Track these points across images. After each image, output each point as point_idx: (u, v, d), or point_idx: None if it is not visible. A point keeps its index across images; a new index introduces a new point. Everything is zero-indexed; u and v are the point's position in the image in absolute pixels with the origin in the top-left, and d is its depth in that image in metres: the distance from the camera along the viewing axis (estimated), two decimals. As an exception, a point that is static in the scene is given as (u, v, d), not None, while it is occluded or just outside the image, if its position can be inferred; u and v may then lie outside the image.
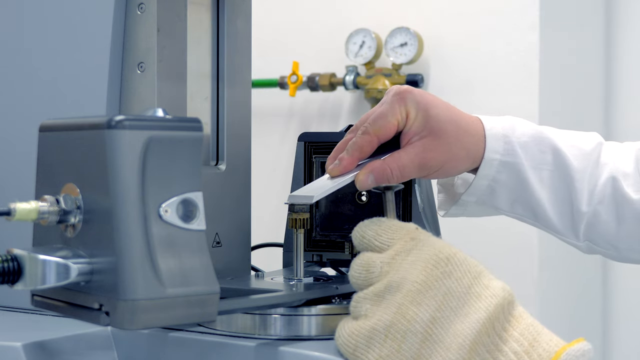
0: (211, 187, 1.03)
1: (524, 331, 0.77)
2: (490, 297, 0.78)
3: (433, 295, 0.78)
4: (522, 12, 2.29)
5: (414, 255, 0.81)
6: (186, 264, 0.74)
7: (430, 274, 0.79)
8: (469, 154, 0.99)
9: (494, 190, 1.02)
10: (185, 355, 0.91)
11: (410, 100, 0.93)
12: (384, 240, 0.84)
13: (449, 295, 0.78)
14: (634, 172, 1.05)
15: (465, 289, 0.78)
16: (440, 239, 0.83)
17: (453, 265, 0.79)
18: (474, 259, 0.81)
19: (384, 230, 0.84)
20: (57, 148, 0.79)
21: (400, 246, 0.82)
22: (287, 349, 0.87)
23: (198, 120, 0.77)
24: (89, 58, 1.02)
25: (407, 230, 0.83)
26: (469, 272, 0.79)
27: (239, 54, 1.08)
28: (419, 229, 0.84)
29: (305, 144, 1.06)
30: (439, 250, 0.80)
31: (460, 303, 0.78)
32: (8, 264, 0.72)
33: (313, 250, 1.06)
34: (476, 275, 0.79)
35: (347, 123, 2.04)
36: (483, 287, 0.79)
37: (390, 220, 0.86)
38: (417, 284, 0.79)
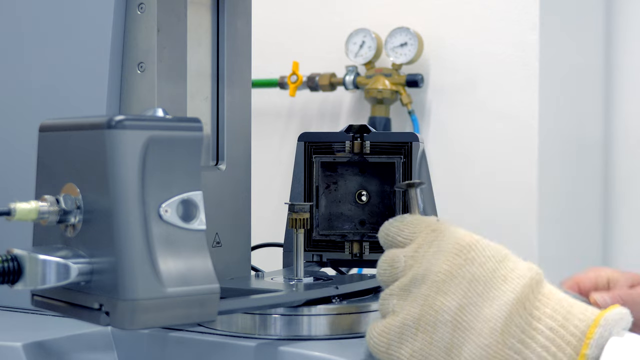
0: (211, 187, 1.03)
1: (555, 306, 0.76)
2: (517, 279, 0.77)
3: (458, 283, 0.78)
4: (522, 12, 2.29)
5: (435, 246, 0.81)
6: (186, 263, 0.74)
7: (453, 262, 0.79)
8: None
9: None
10: (185, 355, 0.91)
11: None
12: (407, 235, 0.84)
13: (474, 281, 0.77)
14: None
15: (490, 273, 0.78)
16: (461, 228, 0.82)
17: (475, 252, 0.79)
18: (498, 244, 0.80)
19: (406, 225, 0.84)
20: (57, 148, 0.79)
21: (422, 239, 0.82)
22: (287, 349, 0.87)
23: (198, 120, 0.77)
24: (89, 58, 1.02)
25: (427, 223, 0.83)
26: (492, 257, 0.79)
27: (239, 54, 1.08)
28: (440, 220, 0.84)
29: (305, 144, 1.06)
30: (461, 238, 0.80)
31: (487, 287, 0.77)
32: (8, 264, 0.72)
33: (313, 250, 1.06)
34: (500, 259, 0.79)
35: (347, 123, 2.04)
36: (509, 270, 0.78)
37: (412, 216, 0.86)
38: (440, 273, 0.78)
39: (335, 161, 1.06)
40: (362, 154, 1.05)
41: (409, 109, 2.40)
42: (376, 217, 1.07)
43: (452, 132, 2.36)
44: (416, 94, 2.43)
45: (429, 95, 2.43)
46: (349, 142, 1.05)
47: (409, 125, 2.43)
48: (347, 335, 0.92)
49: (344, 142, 1.05)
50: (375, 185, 1.08)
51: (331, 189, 1.08)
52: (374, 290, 1.00)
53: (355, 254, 1.05)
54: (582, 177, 2.48)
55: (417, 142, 1.04)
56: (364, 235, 1.06)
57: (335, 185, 1.08)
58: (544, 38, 2.29)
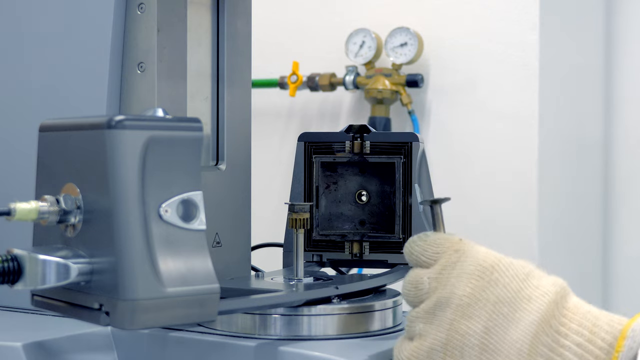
0: (211, 187, 1.03)
1: (581, 321, 0.76)
2: (541, 297, 0.77)
3: (482, 306, 0.78)
4: (522, 12, 2.29)
5: (458, 268, 0.81)
6: (186, 263, 0.74)
7: (477, 285, 0.79)
8: None
9: None
10: (185, 355, 0.91)
11: None
12: (430, 255, 0.83)
13: (498, 303, 0.78)
14: None
15: (514, 293, 0.78)
16: (483, 248, 0.82)
17: (498, 273, 0.79)
18: (520, 260, 0.80)
19: (430, 245, 0.84)
20: (57, 148, 0.79)
21: (445, 260, 0.82)
22: (287, 349, 0.87)
23: (198, 120, 0.77)
24: (89, 58, 1.02)
25: (451, 243, 0.83)
26: (515, 276, 0.79)
27: (239, 54, 1.08)
28: (462, 240, 0.83)
29: (305, 144, 1.06)
30: (483, 259, 0.80)
31: (512, 309, 0.77)
32: (8, 264, 0.72)
33: (313, 250, 1.06)
34: (524, 277, 0.79)
35: (347, 123, 2.04)
36: (533, 288, 0.78)
37: (435, 234, 0.85)
38: (464, 297, 0.79)
39: (335, 161, 1.06)
40: (362, 154, 1.05)
41: (409, 109, 2.40)
42: (376, 217, 1.08)
43: (452, 132, 2.36)
44: (416, 94, 2.43)
45: (429, 95, 2.43)
46: (349, 142, 1.05)
47: (409, 125, 2.43)
48: (347, 336, 0.92)
49: (344, 142, 1.05)
50: (375, 185, 1.08)
51: (331, 189, 1.08)
52: (374, 290, 1.00)
53: (355, 254, 1.05)
54: (582, 177, 2.48)
55: (417, 142, 1.04)
56: (364, 235, 1.06)
57: (335, 185, 1.08)
58: (544, 38, 2.29)
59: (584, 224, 2.49)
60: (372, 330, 0.94)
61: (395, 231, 1.04)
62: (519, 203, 2.25)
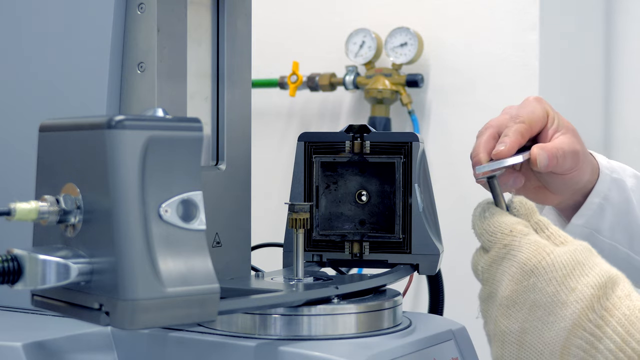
0: (211, 187, 1.03)
1: (616, 326, 0.79)
2: (575, 303, 0.80)
3: (519, 308, 0.83)
4: (522, 12, 2.29)
5: (504, 266, 0.85)
6: (186, 263, 0.74)
7: (515, 288, 0.83)
8: (591, 163, 1.06)
9: (602, 210, 1.07)
10: (185, 355, 0.91)
11: (546, 103, 1.01)
12: (484, 241, 0.88)
13: (534, 307, 0.82)
14: None
15: (549, 298, 0.81)
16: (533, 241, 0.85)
17: (537, 277, 0.82)
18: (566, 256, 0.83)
19: (485, 230, 0.88)
20: (57, 148, 0.79)
21: (495, 253, 0.86)
22: (287, 349, 0.87)
23: (198, 120, 0.77)
24: (89, 58, 1.02)
25: (502, 234, 0.86)
26: (554, 278, 0.82)
27: (239, 54, 1.08)
28: (514, 230, 0.86)
29: (305, 144, 1.06)
30: (525, 261, 0.83)
31: (546, 312, 0.81)
32: (8, 264, 0.72)
33: (313, 250, 1.06)
34: (562, 280, 0.82)
35: (347, 123, 2.04)
36: (569, 291, 0.81)
37: (493, 215, 0.88)
38: (504, 299, 0.84)
39: (335, 161, 1.06)
40: (362, 154, 1.05)
41: (409, 109, 2.40)
42: (376, 217, 1.07)
43: (452, 132, 2.36)
44: (416, 94, 2.43)
45: (429, 95, 2.43)
46: (349, 142, 1.05)
47: (409, 125, 2.43)
48: (347, 335, 0.92)
49: (344, 142, 1.05)
50: (375, 185, 1.08)
51: (331, 189, 1.08)
52: (374, 290, 1.00)
53: (355, 254, 1.05)
54: (582, 177, 2.48)
55: (417, 142, 1.04)
56: (364, 235, 1.06)
57: (335, 185, 1.08)
58: (544, 38, 2.29)
59: (584, 224, 2.48)
60: (372, 330, 0.94)
61: (395, 231, 1.04)
62: (519, 203, 2.25)
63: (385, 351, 0.89)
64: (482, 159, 0.94)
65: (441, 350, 0.97)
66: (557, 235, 0.87)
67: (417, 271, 1.04)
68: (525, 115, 0.98)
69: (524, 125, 0.97)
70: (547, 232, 0.87)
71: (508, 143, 0.94)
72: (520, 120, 0.97)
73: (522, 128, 0.96)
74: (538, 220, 0.88)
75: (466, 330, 1.03)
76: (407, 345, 0.93)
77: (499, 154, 0.94)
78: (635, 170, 1.15)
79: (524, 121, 0.97)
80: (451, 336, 1.01)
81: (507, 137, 0.95)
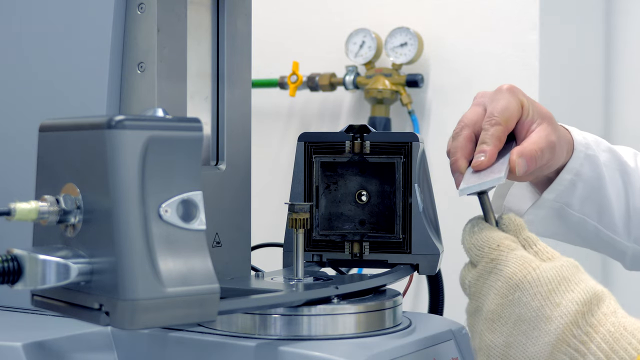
0: (211, 187, 1.03)
1: (600, 343, 0.79)
2: (559, 318, 0.80)
3: (504, 322, 0.83)
4: (522, 12, 2.29)
5: (490, 281, 0.85)
6: (186, 263, 0.74)
7: (501, 302, 0.83)
8: (567, 143, 1.06)
9: (574, 185, 1.08)
10: (185, 355, 0.91)
11: (519, 92, 0.99)
12: (473, 255, 0.88)
13: (519, 322, 0.82)
14: None
15: (534, 312, 0.81)
16: (520, 256, 0.85)
17: (522, 291, 0.82)
18: (552, 271, 0.83)
19: (474, 244, 0.88)
20: (57, 148, 0.79)
21: (482, 267, 0.86)
22: (287, 349, 0.87)
23: (198, 120, 0.77)
24: (89, 58, 1.02)
25: (489, 249, 0.87)
26: (538, 293, 0.82)
27: (239, 54, 1.08)
28: (501, 245, 0.86)
29: (305, 144, 1.06)
30: (511, 276, 0.83)
31: (531, 327, 0.81)
32: (8, 264, 0.72)
33: (313, 250, 1.06)
34: (546, 295, 0.82)
35: (347, 123, 2.04)
36: (554, 306, 0.81)
37: (482, 231, 0.89)
38: (490, 313, 0.84)
39: (335, 161, 1.06)
40: (362, 154, 1.05)
41: (409, 109, 2.40)
42: (376, 217, 1.07)
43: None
44: (416, 94, 2.43)
45: (429, 95, 2.43)
46: (349, 142, 1.05)
47: (409, 125, 2.43)
48: (347, 335, 0.92)
49: (344, 142, 1.05)
50: (375, 185, 1.08)
51: (331, 189, 1.08)
52: (374, 290, 1.00)
53: (355, 254, 1.05)
54: (582, 177, 2.48)
55: (417, 142, 1.04)
56: (364, 235, 1.06)
57: (335, 185, 1.08)
58: (544, 38, 2.29)
59: (584, 224, 2.49)
60: (372, 330, 0.94)
61: (395, 231, 1.04)
62: (519, 203, 2.25)
63: (385, 351, 0.89)
64: (461, 167, 0.94)
65: (441, 350, 0.97)
66: (545, 252, 0.87)
67: (417, 271, 1.04)
68: (500, 113, 0.96)
69: (500, 127, 0.95)
70: (535, 248, 0.87)
71: (488, 153, 0.93)
72: (495, 122, 0.95)
73: (498, 132, 0.95)
74: (527, 237, 0.89)
75: (466, 330, 1.03)
76: (407, 345, 0.93)
77: (480, 166, 0.93)
78: None
79: (499, 122, 0.95)
80: (451, 336, 1.01)
81: (486, 144, 0.94)
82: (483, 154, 0.93)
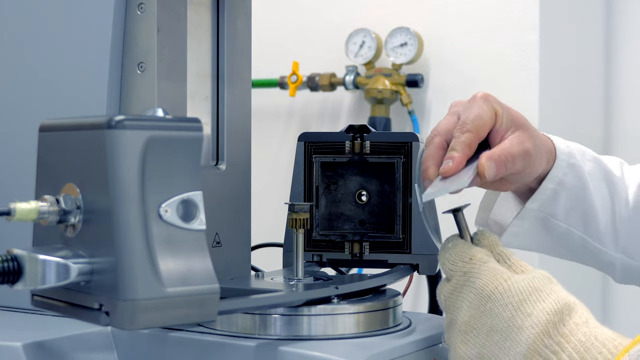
0: (211, 187, 1.03)
1: (572, 352, 0.79)
2: (530, 328, 0.81)
3: (477, 334, 0.83)
4: (522, 12, 2.29)
5: (463, 294, 0.86)
6: (186, 263, 0.74)
7: (473, 314, 0.84)
8: (547, 152, 1.05)
9: (557, 195, 1.06)
10: (185, 355, 0.91)
11: (494, 101, 0.98)
12: (447, 270, 0.89)
13: (491, 332, 0.82)
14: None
15: (506, 322, 0.82)
16: (492, 268, 0.86)
17: (493, 302, 0.83)
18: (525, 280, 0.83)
19: (448, 259, 0.90)
20: (57, 148, 0.79)
21: (455, 281, 0.88)
22: (287, 349, 0.87)
23: (198, 120, 0.77)
24: (89, 58, 1.02)
25: (462, 262, 0.88)
26: (510, 304, 0.82)
27: (239, 54, 1.08)
28: (473, 258, 0.87)
29: (305, 144, 1.07)
30: (483, 287, 0.84)
31: (503, 337, 0.82)
32: (8, 264, 0.72)
33: (313, 250, 1.06)
34: (517, 305, 0.82)
35: (347, 123, 2.04)
36: (525, 316, 0.82)
37: (456, 246, 0.90)
38: (463, 324, 0.85)
39: (335, 161, 1.06)
40: (362, 154, 1.05)
41: (409, 109, 2.40)
42: (376, 217, 1.07)
43: (452, 132, 2.36)
44: (416, 94, 2.43)
45: (429, 95, 2.43)
46: (349, 142, 1.05)
47: (409, 125, 2.43)
48: (347, 335, 0.92)
49: (344, 142, 1.05)
50: (375, 185, 1.08)
51: (331, 189, 1.08)
52: (374, 290, 1.00)
53: (355, 254, 1.05)
54: (582, 177, 2.48)
55: (417, 142, 1.04)
56: (364, 235, 1.06)
57: (335, 185, 1.08)
58: (544, 38, 2.29)
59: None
60: (372, 330, 0.94)
61: (395, 231, 1.04)
62: (519, 203, 2.25)
63: (385, 351, 0.89)
64: (431, 174, 0.93)
65: (441, 350, 0.97)
66: (518, 265, 0.88)
67: (417, 271, 1.04)
68: (472, 121, 0.94)
69: (471, 134, 0.94)
70: (509, 262, 0.88)
71: (455, 159, 0.92)
72: (466, 129, 0.94)
73: (469, 139, 0.94)
74: (501, 251, 0.89)
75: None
76: (407, 345, 0.93)
77: (447, 172, 0.92)
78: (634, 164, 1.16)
79: (470, 130, 0.94)
80: (451, 336, 1.01)
81: (455, 151, 0.93)
82: (451, 160, 0.92)
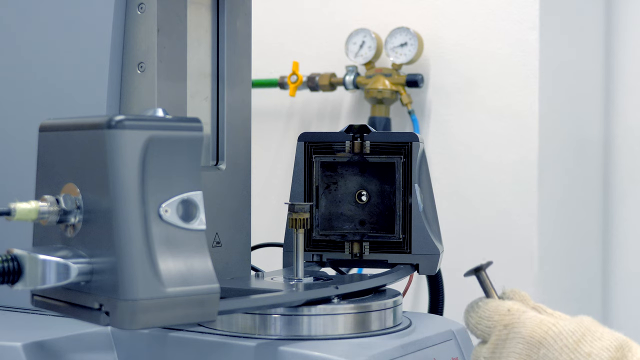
0: (211, 187, 1.03)
1: None
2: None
3: None
4: (522, 12, 2.29)
5: (508, 347, 0.80)
6: (186, 263, 0.74)
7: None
8: None
9: None
10: (185, 355, 0.91)
11: None
12: (483, 329, 0.83)
13: None
14: None
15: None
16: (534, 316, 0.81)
17: (547, 348, 0.78)
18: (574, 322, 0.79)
19: (481, 317, 0.84)
20: (57, 148, 0.79)
21: (496, 337, 0.82)
22: (287, 349, 0.87)
23: (198, 120, 0.77)
24: (89, 58, 1.02)
25: (500, 316, 0.82)
26: (565, 346, 0.78)
27: (239, 54, 1.08)
28: (511, 310, 0.82)
29: (305, 144, 1.07)
30: (530, 334, 0.79)
31: None
32: (8, 264, 0.72)
33: (313, 250, 1.06)
34: (574, 346, 0.77)
35: (347, 123, 2.04)
36: (585, 356, 0.77)
37: (486, 304, 0.84)
38: None
39: (335, 161, 1.06)
40: (362, 154, 1.05)
41: (409, 109, 2.40)
42: (376, 217, 1.07)
43: (452, 132, 2.36)
44: (416, 94, 2.43)
45: (429, 95, 2.43)
46: (349, 142, 1.05)
47: (409, 125, 2.43)
48: (347, 335, 0.92)
49: (344, 142, 1.05)
50: (375, 185, 1.08)
51: (331, 189, 1.08)
52: (374, 290, 1.00)
53: (355, 254, 1.05)
54: (582, 177, 2.48)
55: (417, 142, 1.04)
56: (364, 235, 1.06)
57: (335, 185, 1.08)
58: (544, 38, 2.29)
59: (584, 224, 2.49)
60: (372, 330, 0.94)
61: (395, 231, 1.04)
62: (518, 203, 2.25)
63: (385, 351, 0.89)
64: None
65: (441, 350, 0.97)
66: (557, 314, 0.83)
67: (417, 271, 1.04)
68: None
69: None
70: (548, 312, 0.83)
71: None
72: None
73: None
74: (535, 305, 0.85)
75: (466, 330, 1.03)
76: (407, 345, 0.93)
77: None
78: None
79: None
80: (451, 336, 1.01)
81: None
82: None
